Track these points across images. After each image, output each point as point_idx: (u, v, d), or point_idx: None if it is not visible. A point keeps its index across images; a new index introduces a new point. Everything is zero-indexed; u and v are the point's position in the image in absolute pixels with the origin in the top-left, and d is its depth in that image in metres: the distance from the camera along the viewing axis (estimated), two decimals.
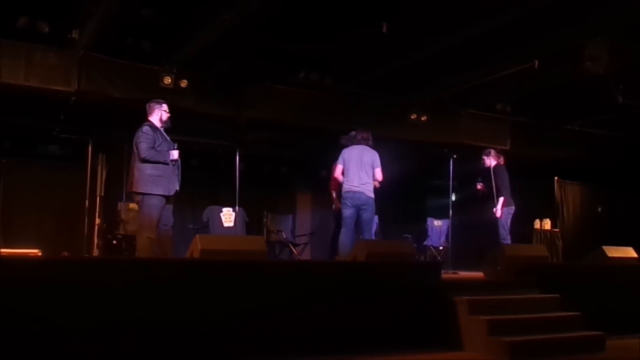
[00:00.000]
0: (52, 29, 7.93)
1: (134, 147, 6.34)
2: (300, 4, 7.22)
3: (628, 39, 7.94)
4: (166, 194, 6.32)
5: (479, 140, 11.09)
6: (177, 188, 6.46)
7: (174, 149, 6.40)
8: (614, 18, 7.45)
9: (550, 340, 5.64)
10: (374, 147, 7.85)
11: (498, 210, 8.57)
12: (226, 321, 5.02)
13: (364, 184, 7.61)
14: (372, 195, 7.67)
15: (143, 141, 6.27)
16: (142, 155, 6.25)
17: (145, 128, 6.38)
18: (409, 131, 10.66)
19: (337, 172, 7.81)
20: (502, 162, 8.93)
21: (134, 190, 6.34)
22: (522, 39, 8.12)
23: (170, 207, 6.53)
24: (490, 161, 8.88)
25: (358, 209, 7.62)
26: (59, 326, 4.41)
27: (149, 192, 6.25)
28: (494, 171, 8.75)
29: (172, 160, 6.33)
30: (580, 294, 6.44)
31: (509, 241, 8.59)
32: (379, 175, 7.69)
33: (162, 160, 6.28)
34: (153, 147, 6.29)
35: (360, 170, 7.63)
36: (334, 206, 8.35)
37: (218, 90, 9.44)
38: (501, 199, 8.60)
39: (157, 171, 6.27)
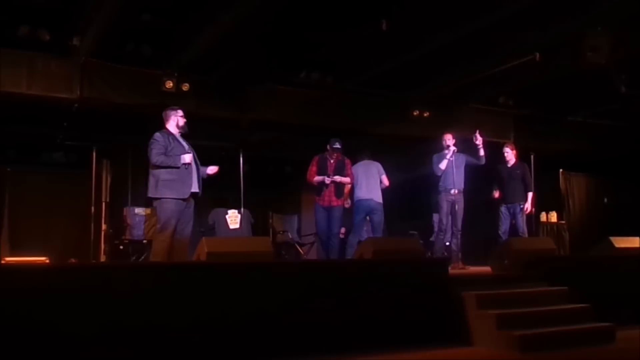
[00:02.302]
0: (53, 37, 7.96)
1: (148, 154, 6.48)
2: (299, 4, 7.23)
3: (629, 28, 7.91)
4: (180, 197, 6.40)
5: (482, 134, 11.07)
6: (196, 190, 6.57)
7: (187, 153, 6.49)
8: (615, 8, 7.43)
9: (559, 333, 5.62)
10: (375, 159, 8.73)
11: (529, 207, 8.73)
12: (234, 322, 5.02)
13: (372, 192, 8.42)
14: (381, 201, 8.47)
15: (153, 148, 6.41)
16: (153, 161, 6.40)
17: (157, 135, 6.52)
18: (412, 127, 10.67)
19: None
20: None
21: (150, 195, 6.50)
22: (523, 32, 8.11)
23: (190, 213, 6.60)
24: (512, 156, 8.90)
25: (367, 214, 8.44)
26: (68, 333, 4.42)
27: (162, 196, 6.37)
28: (523, 166, 8.87)
29: (183, 164, 6.41)
30: (589, 286, 6.42)
31: (526, 234, 8.76)
32: (385, 181, 8.56)
33: (172, 164, 6.38)
34: (164, 153, 6.41)
35: (368, 180, 8.47)
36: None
37: (220, 93, 9.45)
38: (531, 194, 8.75)
39: (171, 175, 6.38)
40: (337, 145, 8.09)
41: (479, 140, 8.41)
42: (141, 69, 8.77)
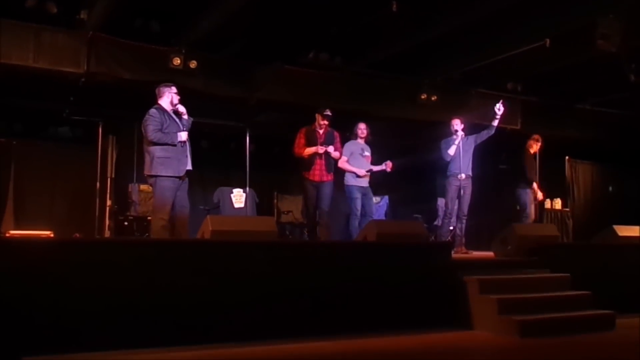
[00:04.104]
0: (61, 9, 7.93)
1: (143, 131, 6.42)
2: None
3: None
4: (176, 174, 6.37)
5: (490, 119, 11.03)
6: (189, 167, 6.52)
7: (182, 130, 6.45)
8: None
9: (560, 319, 5.65)
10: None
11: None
12: (237, 301, 5.05)
13: None
14: (345, 182, 8.25)
15: (150, 124, 6.34)
16: (150, 138, 6.33)
17: (152, 111, 6.44)
18: (419, 111, 10.63)
19: None
20: None
21: (145, 173, 6.46)
22: (534, 17, 8.04)
23: (185, 188, 6.57)
24: None
25: None
26: (71, 307, 4.46)
27: (159, 174, 6.32)
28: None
29: (180, 142, 6.39)
30: (591, 273, 6.45)
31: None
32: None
33: (169, 141, 6.34)
34: (160, 130, 6.35)
35: None
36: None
37: (228, 71, 9.42)
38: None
39: (167, 153, 6.34)
40: (329, 112, 7.85)
41: (501, 110, 8.37)
42: (149, 45, 8.71)
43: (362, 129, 8.33)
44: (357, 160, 8.21)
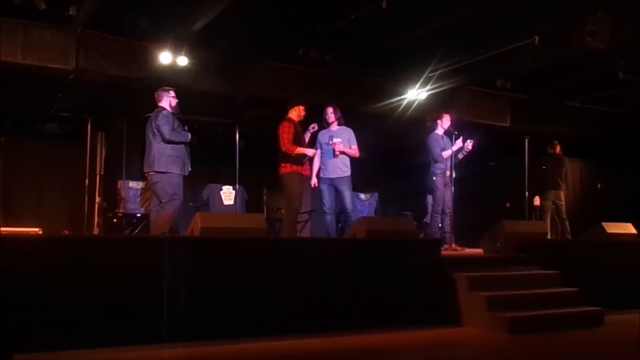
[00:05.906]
0: (49, 5, 7.87)
1: (155, 130, 6.72)
2: None
3: (628, 13, 7.87)
4: (182, 173, 6.78)
5: (479, 117, 11.08)
6: (190, 168, 6.93)
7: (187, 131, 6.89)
8: None
9: (549, 316, 5.68)
10: None
11: None
12: (227, 299, 5.04)
13: None
14: None
15: (166, 124, 6.69)
16: (168, 137, 6.66)
17: (166, 112, 6.79)
18: (408, 108, 10.63)
19: None
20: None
21: (154, 169, 6.71)
22: (523, 15, 8.06)
23: None
24: None
25: None
26: (60, 305, 4.44)
27: (168, 171, 6.68)
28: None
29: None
30: (579, 270, 6.49)
31: None
32: None
33: (184, 140, 6.77)
34: (174, 129, 6.72)
35: None
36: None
37: (217, 68, 9.39)
38: None
39: (176, 152, 6.73)
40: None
41: (469, 147, 8.33)
42: (138, 42, 8.68)
43: (328, 113, 7.91)
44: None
